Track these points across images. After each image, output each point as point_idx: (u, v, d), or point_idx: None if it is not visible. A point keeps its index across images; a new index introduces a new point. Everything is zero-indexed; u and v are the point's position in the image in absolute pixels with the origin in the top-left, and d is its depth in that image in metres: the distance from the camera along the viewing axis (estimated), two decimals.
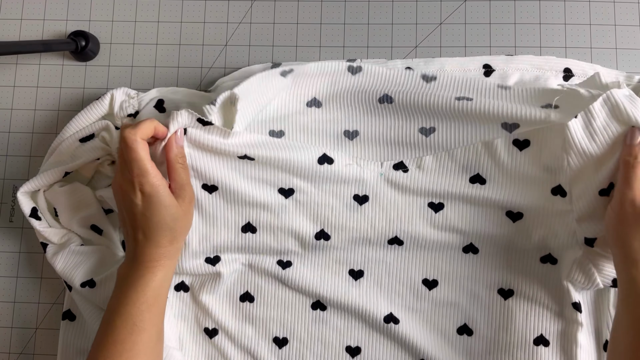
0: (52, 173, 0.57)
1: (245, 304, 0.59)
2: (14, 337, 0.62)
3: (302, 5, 0.65)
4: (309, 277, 0.58)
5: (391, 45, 0.63)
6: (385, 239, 0.58)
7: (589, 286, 0.54)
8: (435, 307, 0.58)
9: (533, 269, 0.57)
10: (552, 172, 0.54)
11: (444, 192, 0.56)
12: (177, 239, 0.51)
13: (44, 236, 0.57)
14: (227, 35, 0.65)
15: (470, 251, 0.58)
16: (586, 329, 0.55)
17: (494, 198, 0.55)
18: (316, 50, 0.64)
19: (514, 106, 0.54)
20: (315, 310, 0.59)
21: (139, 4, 0.66)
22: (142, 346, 0.47)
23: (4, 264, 0.63)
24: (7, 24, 0.66)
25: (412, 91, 0.56)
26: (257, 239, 0.58)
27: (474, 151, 0.56)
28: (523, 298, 0.57)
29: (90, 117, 0.59)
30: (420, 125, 0.57)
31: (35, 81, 0.65)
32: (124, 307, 0.48)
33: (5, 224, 0.64)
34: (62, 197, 0.58)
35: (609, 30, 0.62)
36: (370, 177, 0.57)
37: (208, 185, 0.56)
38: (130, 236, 0.51)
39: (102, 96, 0.60)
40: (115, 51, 0.65)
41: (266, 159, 0.55)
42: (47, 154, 0.60)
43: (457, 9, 0.64)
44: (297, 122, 0.58)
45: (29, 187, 0.57)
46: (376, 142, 0.58)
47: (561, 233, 0.55)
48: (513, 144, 0.55)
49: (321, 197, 0.57)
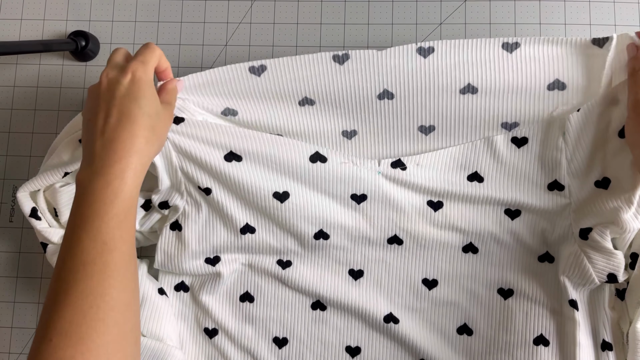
0: (52, 173, 0.57)
1: (245, 304, 0.59)
2: (14, 337, 0.62)
3: (302, 5, 0.65)
4: (308, 277, 0.58)
5: (391, 46, 0.63)
6: (384, 238, 0.58)
7: (584, 282, 0.54)
8: (435, 306, 0.58)
9: (532, 268, 0.57)
10: (549, 168, 0.54)
11: (442, 190, 0.56)
12: (152, 139, 0.45)
13: (44, 236, 0.57)
14: (227, 35, 0.65)
15: (470, 251, 0.58)
16: (584, 328, 0.55)
17: (492, 195, 0.55)
18: (316, 51, 0.64)
19: (516, 104, 0.54)
20: (315, 310, 0.59)
21: (139, 4, 0.66)
22: (114, 266, 0.41)
23: (4, 264, 0.63)
24: (7, 24, 0.66)
25: (413, 80, 0.54)
26: (256, 239, 0.58)
27: (472, 149, 0.56)
28: (523, 297, 0.57)
29: None
30: (420, 123, 0.56)
31: (35, 81, 0.65)
32: (91, 222, 0.41)
33: (5, 224, 0.64)
34: (62, 196, 0.58)
35: (608, 30, 0.62)
36: (368, 175, 0.57)
37: (205, 188, 0.56)
38: (97, 128, 0.44)
39: None
40: None
41: (255, 155, 0.55)
42: (47, 154, 0.60)
43: (457, 9, 0.64)
44: (292, 123, 0.57)
45: (29, 187, 0.57)
46: (375, 141, 0.57)
47: (558, 229, 0.55)
48: (511, 141, 0.55)
49: (317, 198, 0.57)
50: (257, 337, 0.59)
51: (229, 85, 0.55)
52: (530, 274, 0.57)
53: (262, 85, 0.55)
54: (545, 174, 0.55)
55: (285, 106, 0.56)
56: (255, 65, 0.55)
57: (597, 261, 0.53)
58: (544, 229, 0.56)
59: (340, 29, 0.64)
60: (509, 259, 0.57)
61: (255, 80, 0.55)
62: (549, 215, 0.55)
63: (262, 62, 0.55)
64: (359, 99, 0.56)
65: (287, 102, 0.56)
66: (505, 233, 0.56)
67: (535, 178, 0.55)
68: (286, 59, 0.55)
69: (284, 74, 0.55)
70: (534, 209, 0.55)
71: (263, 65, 0.55)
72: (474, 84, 0.54)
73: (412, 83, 0.54)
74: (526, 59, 0.53)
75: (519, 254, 0.57)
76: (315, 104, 0.56)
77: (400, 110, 0.56)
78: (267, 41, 0.64)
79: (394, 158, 0.57)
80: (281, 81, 0.55)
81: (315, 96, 0.56)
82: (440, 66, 0.54)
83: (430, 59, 0.54)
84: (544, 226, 0.56)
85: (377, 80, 0.55)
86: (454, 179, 0.56)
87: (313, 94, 0.56)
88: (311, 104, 0.56)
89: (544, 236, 0.56)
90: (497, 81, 0.53)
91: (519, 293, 0.57)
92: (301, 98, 0.56)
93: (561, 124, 0.53)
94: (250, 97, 0.56)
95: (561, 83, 0.53)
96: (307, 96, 0.56)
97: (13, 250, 0.63)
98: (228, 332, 0.59)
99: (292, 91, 0.55)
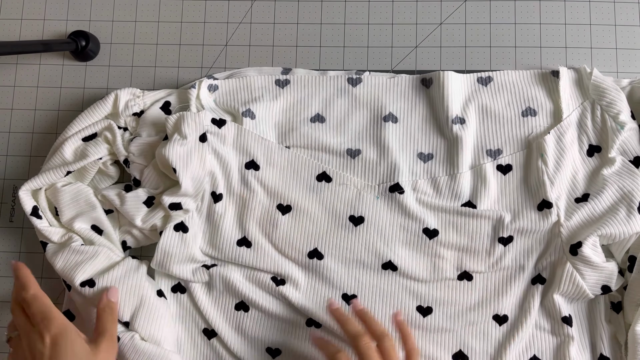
0: (54, 172, 0.57)
1: (240, 313, 0.59)
2: None
3: (302, 5, 0.65)
4: (301, 299, 0.58)
5: (391, 45, 0.64)
6: (379, 262, 0.58)
7: (578, 296, 0.55)
8: (429, 333, 0.57)
9: (525, 291, 0.57)
10: (535, 189, 0.57)
11: (438, 216, 0.57)
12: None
13: (44, 235, 0.57)
14: (227, 35, 0.65)
15: (464, 278, 0.58)
16: (579, 342, 0.56)
17: (485, 222, 0.57)
18: (316, 50, 0.64)
19: (497, 132, 0.59)
20: (310, 327, 0.58)
21: (139, 4, 0.66)
22: None
23: (4, 264, 0.63)
24: (7, 24, 0.66)
25: (416, 108, 0.60)
26: (251, 254, 0.58)
27: (464, 178, 0.58)
28: (517, 322, 0.57)
29: (94, 116, 0.59)
30: (419, 150, 0.59)
31: (35, 81, 0.65)
32: None
33: (5, 224, 0.64)
34: (64, 196, 0.58)
35: (609, 30, 0.62)
36: (367, 198, 0.58)
37: (216, 194, 0.58)
38: None
39: (106, 96, 0.60)
40: (115, 51, 0.65)
41: (272, 166, 0.59)
42: (49, 153, 0.60)
43: (457, 9, 0.64)
44: (302, 137, 0.60)
45: (31, 186, 0.57)
46: (376, 163, 0.59)
47: (550, 249, 0.56)
48: (497, 169, 0.58)
49: (317, 215, 0.58)
50: (251, 347, 0.58)
51: (256, 93, 0.61)
52: (523, 297, 0.57)
53: (283, 97, 0.60)
54: (532, 196, 0.57)
55: (298, 120, 0.60)
56: (281, 79, 0.61)
57: (590, 276, 0.54)
58: (536, 251, 0.57)
59: (340, 29, 0.64)
60: (503, 285, 0.57)
61: (278, 91, 0.61)
62: (541, 236, 0.57)
63: (288, 76, 0.61)
64: (367, 120, 0.60)
65: (300, 116, 0.60)
66: (499, 260, 0.57)
67: (525, 201, 0.57)
68: (307, 77, 0.61)
69: (303, 90, 0.61)
70: (526, 232, 0.56)
71: (287, 80, 0.61)
72: (460, 115, 0.59)
73: (414, 110, 0.60)
74: (500, 90, 0.60)
75: (512, 279, 0.57)
76: (326, 121, 0.60)
77: (401, 134, 0.60)
78: (267, 41, 0.64)
79: (392, 182, 0.58)
80: (300, 96, 0.61)
81: (326, 114, 0.60)
82: (437, 97, 0.59)
83: (431, 89, 0.60)
84: (537, 248, 0.57)
85: (385, 104, 0.60)
86: (449, 206, 0.57)
87: (325, 112, 0.60)
88: (322, 122, 0.60)
89: (537, 259, 0.57)
90: (478, 111, 0.59)
91: (514, 318, 0.57)
92: (313, 115, 0.60)
93: (538, 147, 0.57)
94: (270, 105, 0.60)
95: (532, 110, 0.59)
96: (320, 113, 0.60)
97: (13, 250, 0.63)
98: (222, 339, 0.58)
99: (307, 107, 0.60)
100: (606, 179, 0.56)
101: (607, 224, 0.54)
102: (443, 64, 0.63)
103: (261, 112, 0.60)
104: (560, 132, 0.57)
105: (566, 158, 0.57)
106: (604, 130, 0.57)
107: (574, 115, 0.58)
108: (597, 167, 0.57)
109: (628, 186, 0.55)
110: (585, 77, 0.59)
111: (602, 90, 0.57)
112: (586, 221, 0.55)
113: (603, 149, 0.57)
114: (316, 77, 0.61)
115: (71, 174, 0.59)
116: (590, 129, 0.58)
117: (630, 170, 0.56)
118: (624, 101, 0.57)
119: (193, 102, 0.59)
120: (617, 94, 0.57)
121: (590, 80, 0.57)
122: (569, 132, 0.57)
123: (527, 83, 0.60)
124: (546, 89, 0.59)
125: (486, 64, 0.63)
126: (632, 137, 0.57)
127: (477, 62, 0.63)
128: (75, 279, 0.55)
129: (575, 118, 0.58)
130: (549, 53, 0.62)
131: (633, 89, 0.58)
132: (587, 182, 0.57)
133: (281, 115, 0.60)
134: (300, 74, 0.62)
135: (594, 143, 0.58)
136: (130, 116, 0.60)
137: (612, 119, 0.57)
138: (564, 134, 0.57)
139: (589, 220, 0.55)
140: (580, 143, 0.58)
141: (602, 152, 0.58)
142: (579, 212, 0.56)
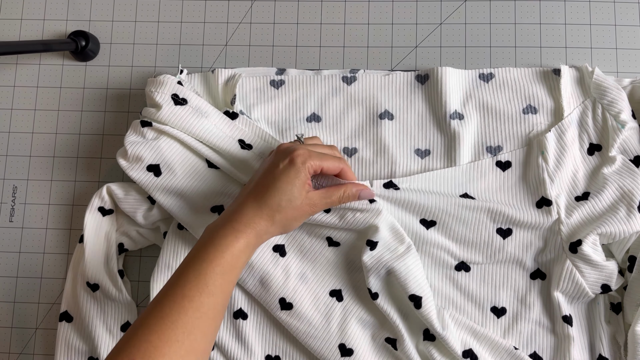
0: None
1: (238, 321, 0.58)
2: (14, 337, 0.62)
3: (302, 5, 0.65)
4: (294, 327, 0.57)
5: (391, 45, 0.64)
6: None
7: (578, 295, 0.55)
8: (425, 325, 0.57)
9: (524, 286, 0.57)
10: (534, 186, 0.57)
11: (435, 208, 0.57)
12: (275, 218, 0.49)
13: (131, 210, 0.59)
14: (227, 35, 0.65)
15: (462, 269, 0.57)
16: (579, 343, 0.55)
17: (483, 214, 0.56)
18: (316, 50, 0.64)
19: (497, 128, 0.59)
20: None
21: (139, 4, 0.66)
22: (208, 310, 0.45)
23: (4, 264, 0.63)
24: (7, 24, 0.66)
25: (412, 104, 0.60)
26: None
27: (462, 172, 0.58)
28: (515, 316, 0.57)
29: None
30: (416, 146, 0.59)
31: (35, 81, 0.65)
32: (200, 263, 0.46)
33: (5, 224, 0.64)
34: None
35: (609, 30, 0.62)
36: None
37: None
38: (241, 194, 0.51)
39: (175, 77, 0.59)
40: (115, 51, 0.65)
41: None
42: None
43: (457, 9, 0.64)
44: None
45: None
46: (372, 161, 0.59)
47: (549, 245, 0.56)
48: (496, 165, 0.58)
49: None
50: (249, 355, 0.58)
51: (252, 94, 0.61)
52: (522, 291, 0.57)
53: (279, 98, 0.60)
54: (532, 193, 0.57)
55: (294, 120, 0.60)
56: (276, 80, 0.61)
57: (589, 274, 0.54)
58: (535, 246, 0.57)
59: (340, 29, 0.64)
60: (501, 277, 0.57)
61: (273, 92, 0.61)
62: (540, 232, 0.56)
63: (282, 77, 0.61)
64: (363, 118, 0.60)
65: (296, 116, 0.60)
66: (497, 252, 0.57)
67: (523, 198, 0.57)
68: (302, 76, 0.61)
69: (298, 90, 0.60)
70: (525, 227, 0.56)
71: (282, 80, 0.61)
72: (459, 111, 0.59)
73: (410, 107, 0.60)
74: (501, 87, 0.60)
75: (511, 272, 0.57)
76: (322, 121, 0.60)
77: (398, 131, 0.60)
78: (267, 41, 0.64)
79: (386, 179, 0.58)
80: (295, 96, 0.61)
81: (322, 113, 0.60)
82: (434, 92, 0.59)
83: (427, 85, 0.60)
84: (536, 244, 0.57)
85: (380, 101, 0.60)
86: (446, 199, 0.57)
87: (320, 111, 0.60)
88: (318, 121, 0.60)
89: (536, 254, 0.57)
90: (478, 108, 0.59)
91: (512, 311, 0.57)
92: (309, 114, 0.60)
93: (539, 144, 0.57)
94: (266, 106, 0.60)
95: (533, 107, 0.59)
96: (316, 112, 0.60)
97: (13, 250, 0.63)
98: (221, 346, 0.58)
99: (303, 107, 0.60)
100: (606, 178, 0.56)
101: (607, 223, 0.54)
102: (443, 64, 0.63)
103: (257, 113, 0.60)
104: (561, 130, 0.57)
105: (567, 156, 0.57)
106: (604, 129, 0.57)
107: (575, 114, 0.58)
108: (597, 166, 0.57)
109: (628, 185, 0.55)
110: (587, 76, 0.58)
111: (604, 89, 0.57)
112: (586, 219, 0.55)
113: (604, 147, 0.57)
114: (311, 76, 0.61)
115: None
116: (591, 127, 0.58)
117: (631, 170, 0.56)
118: (625, 100, 0.57)
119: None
120: (618, 93, 0.57)
121: (592, 79, 0.57)
122: (569, 130, 0.57)
123: (528, 80, 0.60)
124: (547, 87, 0.59)
125: (486, 64, 0.63)
126: (632, 136, 0.57)
127: (477, 62, 0.63)
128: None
129: (576, 116, 0.58)
130: (549, 53, 0.62)
131: (634, 89, 0.58)
132: (588, 181, 0.57)
133: (277, 116, 0.60)
134: (293, 74, 0.62)
135: (595, 142, 0.58)
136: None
137: (613, 118, 0.57)
138: (565, 132, 0.57)
139: (589, 218, 0.55)
140: (581, 141, 0.58)
141: (602, 151, 0.58)
142: (579, 210, 0.56)
